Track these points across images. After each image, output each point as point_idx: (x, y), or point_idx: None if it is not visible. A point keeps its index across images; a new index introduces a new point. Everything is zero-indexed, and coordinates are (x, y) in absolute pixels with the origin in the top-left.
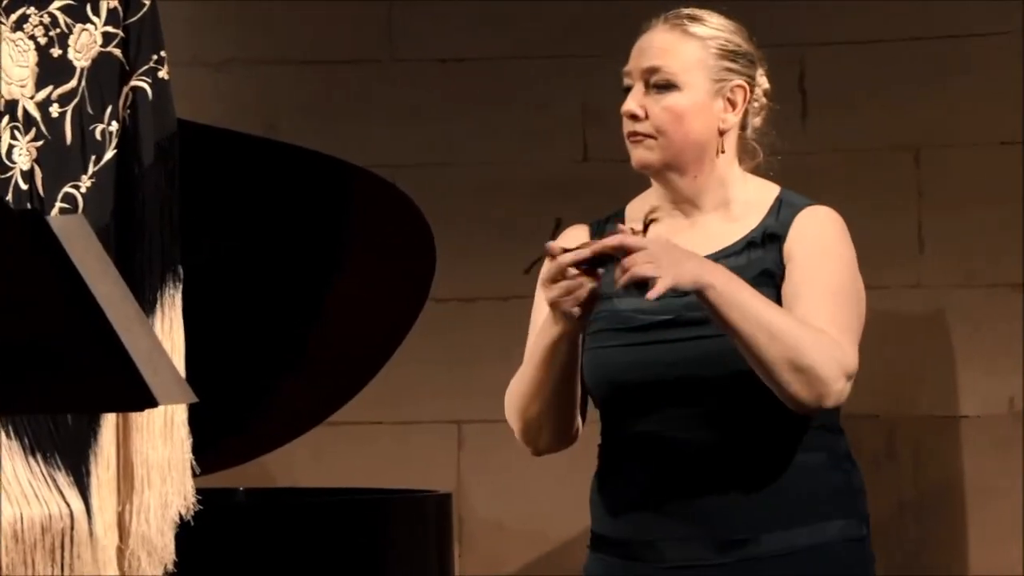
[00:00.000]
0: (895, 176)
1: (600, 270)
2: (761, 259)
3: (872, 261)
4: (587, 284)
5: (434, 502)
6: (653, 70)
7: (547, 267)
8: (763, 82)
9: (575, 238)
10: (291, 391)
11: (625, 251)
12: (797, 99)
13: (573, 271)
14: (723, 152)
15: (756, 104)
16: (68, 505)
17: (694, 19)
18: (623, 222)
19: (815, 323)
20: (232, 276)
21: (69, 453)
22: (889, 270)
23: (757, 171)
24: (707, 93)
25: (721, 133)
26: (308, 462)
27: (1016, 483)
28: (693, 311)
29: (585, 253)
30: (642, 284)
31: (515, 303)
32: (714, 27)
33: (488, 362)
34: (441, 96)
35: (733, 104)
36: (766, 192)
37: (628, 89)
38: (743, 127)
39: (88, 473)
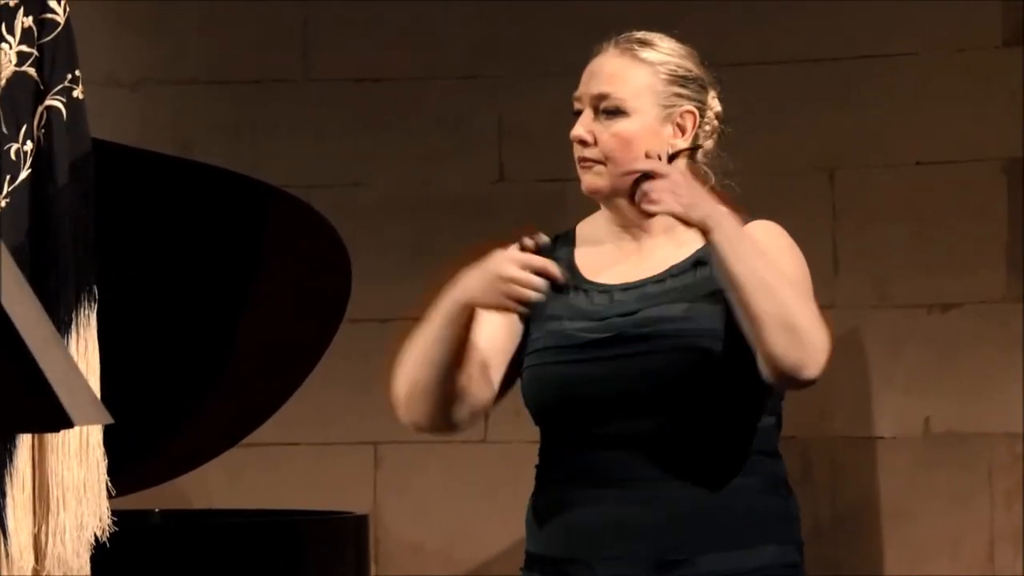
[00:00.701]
0: (810, 196)
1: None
2: (709, 278)
3: None
4: (533, 284)
5: (351, 523)
6: (602, 96)
7: (521, 254)
8: (715, 105)
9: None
10: (207, 412)
11: (650, 176)
12: None
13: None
14: None
15: (707, 127)
16: None
17: (645, 44)
18: (574, 243)
19: None
20: (147, 296)
21: None
22: None
23: (711, 194)
24: (656, 119)
25: (670, 159)
26: (224, 483)
27: (931, 504)
28: (639, 328)
29: (548, 265)
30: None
31: None
32: (665, 52)
33: None
34: (356, 115)
35: (682, 129)
36: None
37: (578, 113)
38: (693, 152)
39: (3, 494)
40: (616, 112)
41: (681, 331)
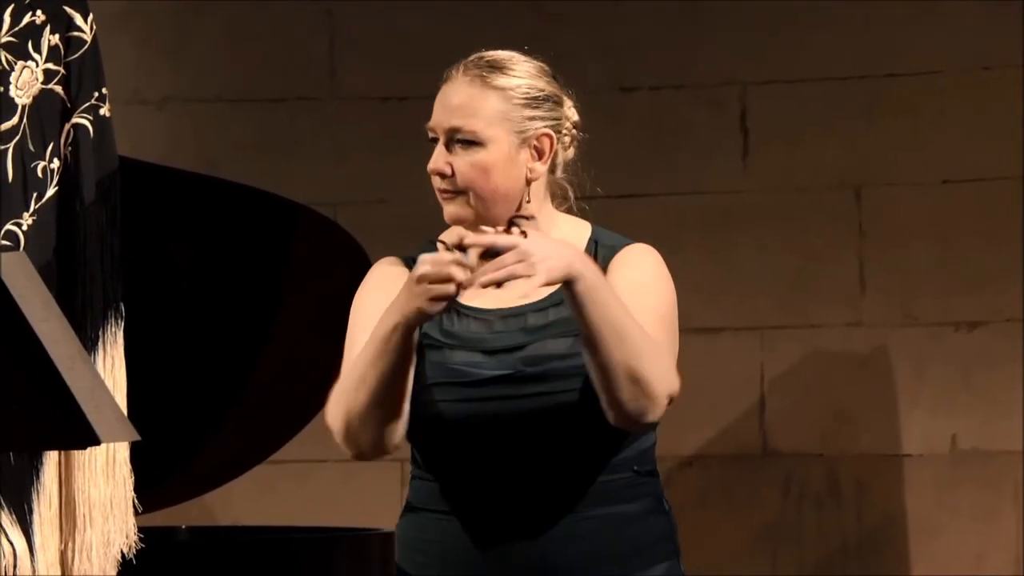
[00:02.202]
0: (836, 214)
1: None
2: None
3: (813, 299)
4: (458, 276)
5: (378, 540)
6: (455, 129)
7: (387, 268)
8: (571, 115)
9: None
10: (234, 428)
11: (493, 252)
12: (738, 138)
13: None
14: (528, 202)
15: (566, 139)
16: (11, 544)
17: (494, 68)
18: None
19: None
20: (174, 313)
21: (11, 491)
22: (831, 309)
23: (571, 210)
24: (512, 145)
25: (528, 182)
26: (251, 500)
27: (957, 521)
28: (531, 366)
29: (471, 257)
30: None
31: None
32: (515, 75)
33: None
34: (381, 133)
35: (540, 152)
36: (579, 232)
37: (434, 140)
38: (552, 170)
39: (31, 511)
40: (471, 143)
41: (569, 369)
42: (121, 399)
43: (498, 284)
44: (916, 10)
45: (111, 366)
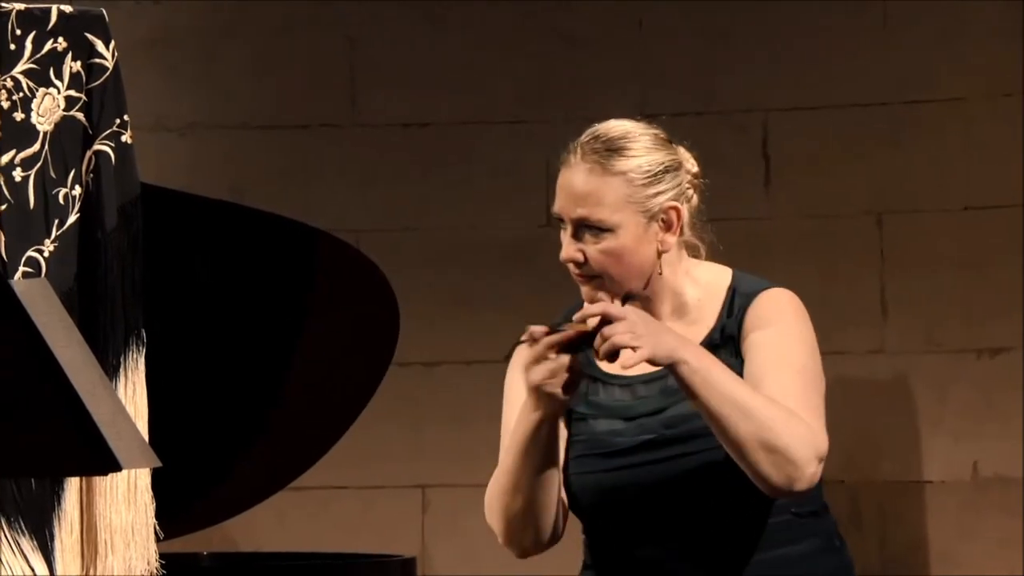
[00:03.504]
0: (858, 240)
1: (579, 354)
2: (725, 362)
3: (835, 326)
4: (567, 362)
5: (398, 566)
6: (582, 219)
7: (529, 350)
8: (691, 168)
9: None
10: (255, 455)
11: (605, 321)
12: (760, 164)
13: (554, 353)
14: (660, 273)
15: (690, 192)
16: (32, 570)
17: (612, 151)
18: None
19: (784, 403)
20: (195, 340)
21: (33, 517)
22: (852, 335)
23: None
24: (640, 225)
25: (660, 254)
26: (272, 526)
27: (980, 549)
28: (671, 428)
29: (569, 334)
30: (615, 354)
31: (477, 367)
32: (633, 154)
33: (451, 426)
34: (404, 160)
35: (669, 224)
36: (719, 281)
37: (560, 221)
38: (681, 232)
39: (52, 537)
40: (600, 230)
41: (708, 428)
42: (143, 425)
43: (610, 359)
44: (939, 36)
45: (132, 393)
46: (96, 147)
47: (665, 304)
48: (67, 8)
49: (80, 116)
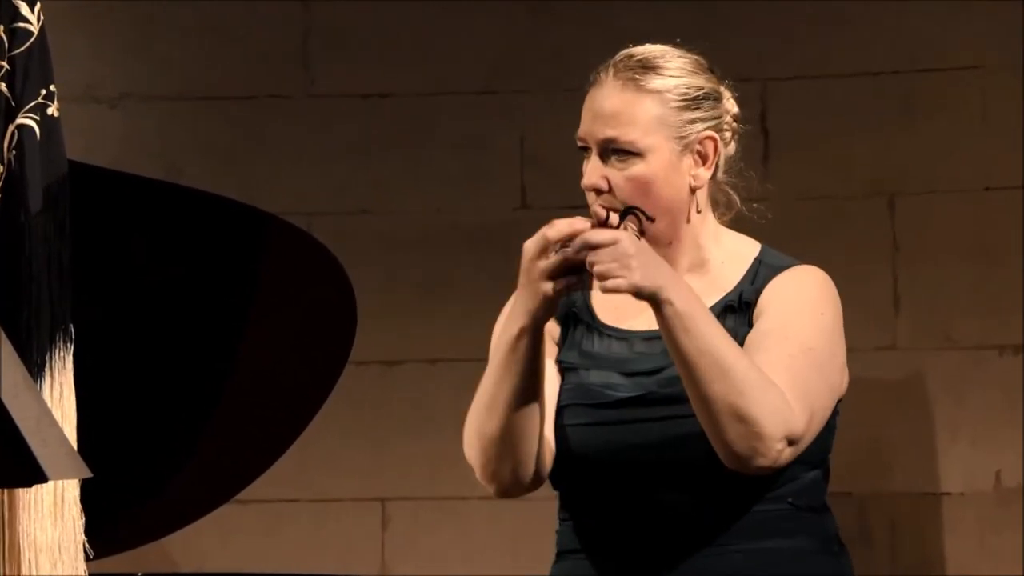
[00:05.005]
0: (868, 225)
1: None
2: (733, 330)
3: (842, 321)
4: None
5: None
6: (609, 140)
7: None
8: (731, 107)
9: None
10: (196, 464)
11: (593, 246)
12: (759, 140)
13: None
14: (699, 212)
15: (727, 133)
16: None
17: (647, 68)
18: (589, 282)
19: (772, 376)
20: (130, 337)
21: None
22: (860, 330)
23: (734, 223)
24: (673, 153)
25: (693, 191)
26: (215, 544)
27: (1002, 567)
28: (666, 388)
29: (568, 252)
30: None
31: (443, 367)
32: (671, 74)
33: (415, 433)
34: (362, 136)
35: (704, 157)
36: (745, 251)
37: (583, 149)
38: (714, 175)
39: None
40: (628, 154)
41: None
42: (71, 432)
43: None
44: None
45: (59, 395)
46: (19, 121)
47: (685, 256)
48: None
49: (2, 87)
